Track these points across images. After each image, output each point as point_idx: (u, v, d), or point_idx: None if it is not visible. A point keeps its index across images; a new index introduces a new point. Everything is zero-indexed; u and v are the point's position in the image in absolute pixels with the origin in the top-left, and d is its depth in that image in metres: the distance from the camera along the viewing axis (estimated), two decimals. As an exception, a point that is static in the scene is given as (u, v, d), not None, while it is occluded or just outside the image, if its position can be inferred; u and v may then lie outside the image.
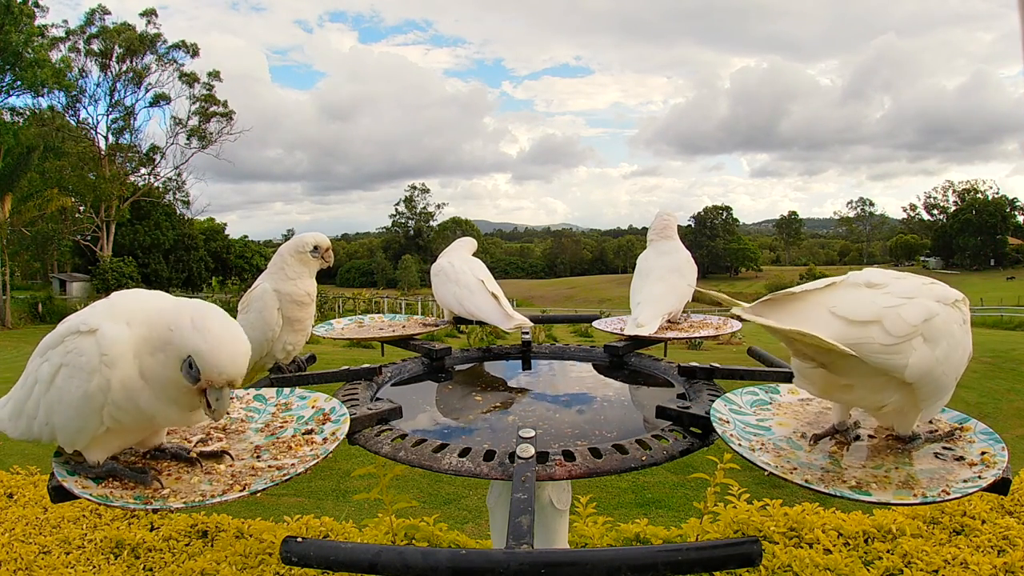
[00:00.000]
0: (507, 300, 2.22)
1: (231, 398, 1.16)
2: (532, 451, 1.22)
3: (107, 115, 34.09)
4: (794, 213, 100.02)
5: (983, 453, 1.15)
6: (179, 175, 37.25)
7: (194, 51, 34.60)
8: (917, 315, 1.06)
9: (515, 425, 1.52)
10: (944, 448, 1.20)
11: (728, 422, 1.30)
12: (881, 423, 1.27)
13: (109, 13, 32.44)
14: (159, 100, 34.66)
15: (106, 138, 34.29)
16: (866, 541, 2.40)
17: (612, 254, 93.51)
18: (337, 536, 2.65)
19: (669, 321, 2.22)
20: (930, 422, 1.31)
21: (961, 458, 1.15)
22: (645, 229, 2.52)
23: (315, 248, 1.95)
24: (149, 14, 33.58)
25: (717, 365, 1.77)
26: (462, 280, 2.25)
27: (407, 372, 2.03)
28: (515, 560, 0.89)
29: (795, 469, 1.12)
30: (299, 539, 0.98)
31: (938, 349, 1.07)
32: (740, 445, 1.19)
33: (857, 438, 1.25)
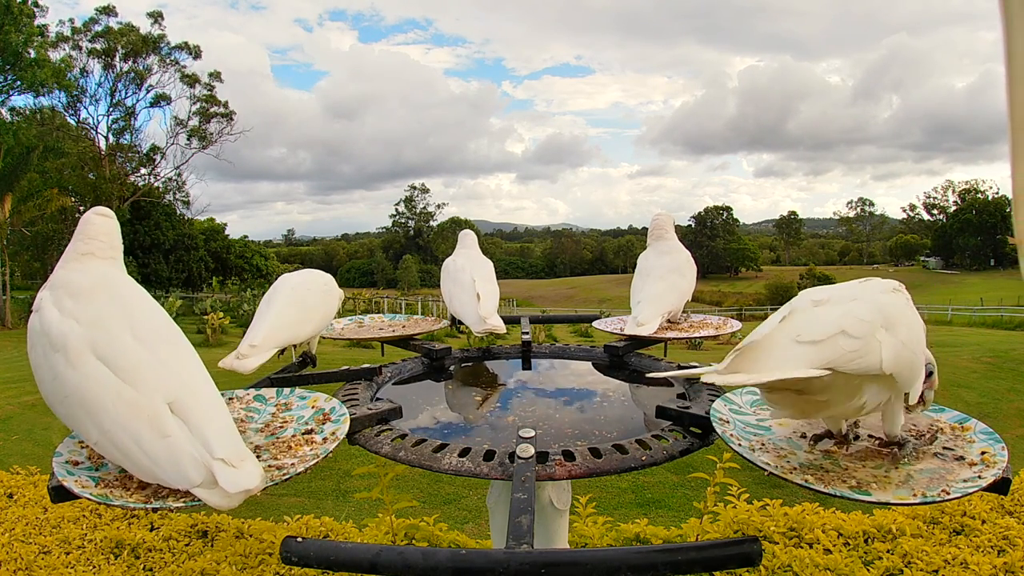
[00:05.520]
0: (493, 303, 2.19)
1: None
2: (532, 451, 1.22)
3: (107, 115, 33.97)
4: (794, 213, 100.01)
5: (983, 453, 1.15)
6: (179, 175, 37.12)
7: (196, 53, 34.51)
8: (869, 310, 1.12)
9: (515, 425, 1.53)
10: (944, 448, 1.20)
11: (728, 422, 1.30)
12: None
13: (116, 15, 32.33)
14: (160, 100, 34.56)
15: (106, 138, 34.13)
16: (866, 541, 2.39)
17: (612, 254, 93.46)
18: (337, 536, 2.65)
19: (669, 321, 2.21)
20: (913, 425, 1.30)
21: (961, 458, 1.16)
22: (645, 229, 2.52)
23: None
24: (156, 16, 33.50)
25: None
26: (459, 278, 2.26)
27: (407, 372, 2.03)
28: (515, 560, 0.89)
29: (795, 469, 1.12)
30: (299, 539, 0.98)
31: (900, 333, 1.11)
32: (740, 445, 1.19)
33: (856, 438, 1.25)
